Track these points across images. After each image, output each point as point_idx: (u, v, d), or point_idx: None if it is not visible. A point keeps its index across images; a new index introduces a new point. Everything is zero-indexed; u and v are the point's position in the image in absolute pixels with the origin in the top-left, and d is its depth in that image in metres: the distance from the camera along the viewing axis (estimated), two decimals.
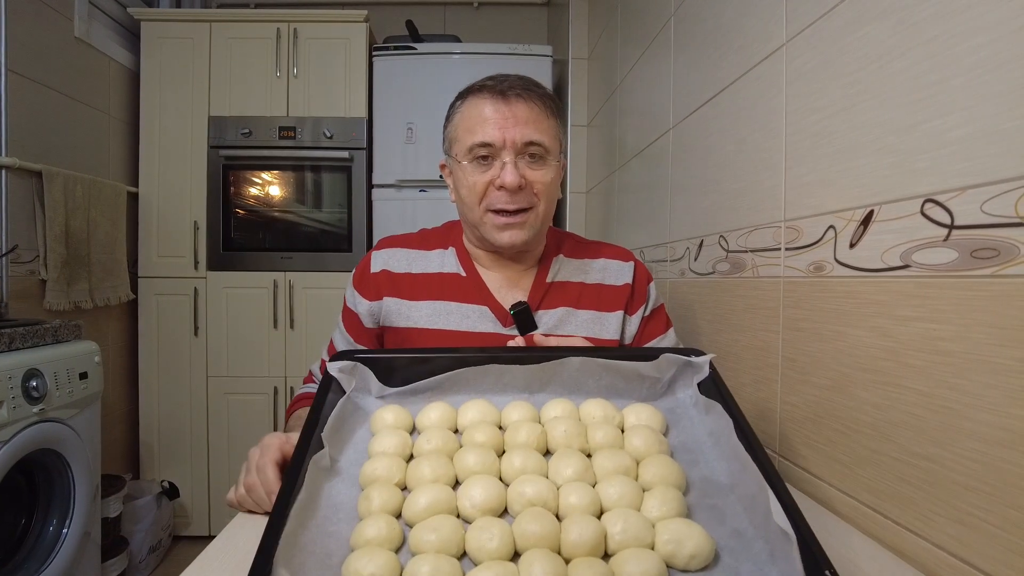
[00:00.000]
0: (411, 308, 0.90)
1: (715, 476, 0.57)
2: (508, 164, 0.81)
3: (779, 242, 0.83)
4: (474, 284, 0.91)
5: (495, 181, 0.82)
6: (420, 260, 0.93)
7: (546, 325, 0.89)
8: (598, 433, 0.61)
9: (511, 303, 0.88)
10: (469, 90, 0.87)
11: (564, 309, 0.90)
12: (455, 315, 0.89)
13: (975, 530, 0.50)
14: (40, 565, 1.43)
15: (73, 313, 1.90)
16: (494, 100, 0.82)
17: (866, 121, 0.65)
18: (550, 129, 0.85)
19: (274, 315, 2.28)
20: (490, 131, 0.81)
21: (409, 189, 2.31)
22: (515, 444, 0.60)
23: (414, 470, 0.56)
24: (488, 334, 0.88)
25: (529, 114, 0.82)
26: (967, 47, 0.52)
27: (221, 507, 2.28)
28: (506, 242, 0.85)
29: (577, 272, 0.94)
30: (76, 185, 1.90)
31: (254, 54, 2.26)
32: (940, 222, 0.54)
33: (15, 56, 1.72)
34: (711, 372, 0.66)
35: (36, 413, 1.37)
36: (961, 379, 0.52)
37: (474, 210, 0.85)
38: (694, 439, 0.62)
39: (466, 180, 0.84)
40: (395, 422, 0.62)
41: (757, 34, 0.91)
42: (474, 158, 0.83)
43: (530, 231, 0.85)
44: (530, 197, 0.84)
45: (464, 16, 2.94)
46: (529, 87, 0.84)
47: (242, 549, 0.56)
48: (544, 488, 0.53)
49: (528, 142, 0.82)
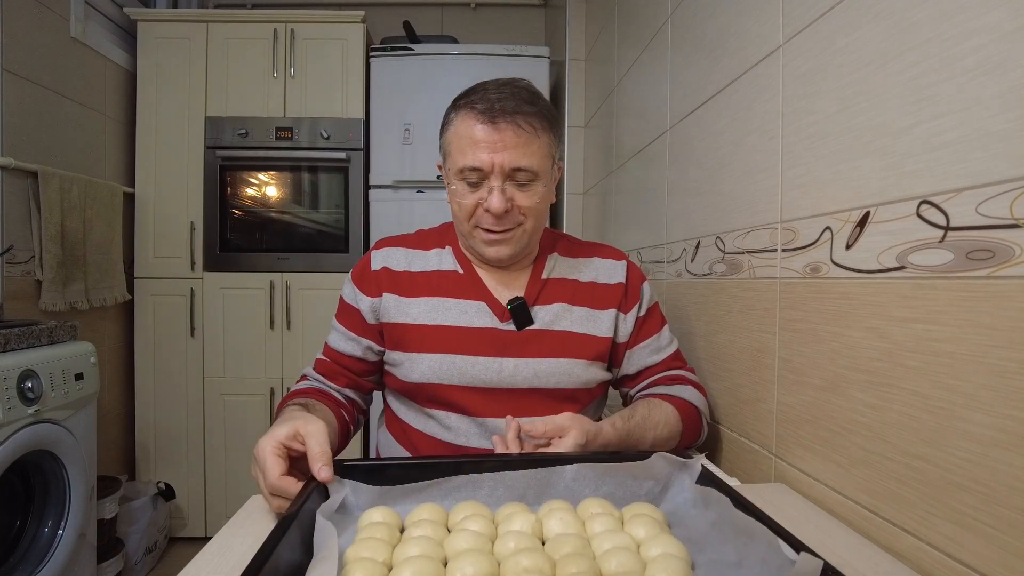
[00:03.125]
0: (409, 305, 0.91)
1: (723, 557, 0.53)
2: (495, 190, 0.83)
3: (775, 243, 0.83)
4: (471, 281, 0.93)
5: (483, 203, 0.84)
6: (418, 259, 0.95)
7: (542, 320, 0.91)
8: (596, 524, 0.57)
9: (508, 299, 0.91)
10: (462, 105, 0.86)
11: (559, 305, 0.93)
12: (453, 311, 0.91)
13: (971, 531, 0.51)
14: (35, 567, 1.43)
15: (69, 314, 1.89)
16: (483, 124, 0.82)
17: (862, 123, 0.65)
18: (540, 150, 0.85)
19: (271, 316, 2.27)
20: (479, 155, 0.82)
21: (406, 190, 2.31)
22: (510, 530, 0.56)
23: (401, 549, 0.53)
24: (486, 329, 0.90)
25: (517, 139, 0.82)
26: (962, 50, 0.52)
27: (217, 508, 2.28)
28: (492, 256, 0.89)
29: (571, 270, 0.96)
30: (72, 185, 1.89)
31: (251, 54, 2.26)
32: (936, 224, 0.55)
33: (11, 56, 1.72)
34: (703, 470, 0.65)
35: (31, 414, 1.37)
36: (957, 380, 0.52)
37: (464, 224, 0.89)
38: (699, 532, 0.59)
39: (456, 199, 0.88)
40: (383, 519, 0.59)
41: (753, 36, 0.91)
42: (463, 180, 0.85)
43: (516, 246, 0.88)
44: (516, 217, 0.86)
45: (461, 17, 2.94)
46: (520, 107, 0.83)
47: (238, 551, 0.55)
48: (541, 559, 0.50)
49: (516, 168, 0.83)
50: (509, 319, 0.90)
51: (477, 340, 0.89)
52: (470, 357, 0.89)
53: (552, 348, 0.90)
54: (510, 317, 0.90)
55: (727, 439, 0.99)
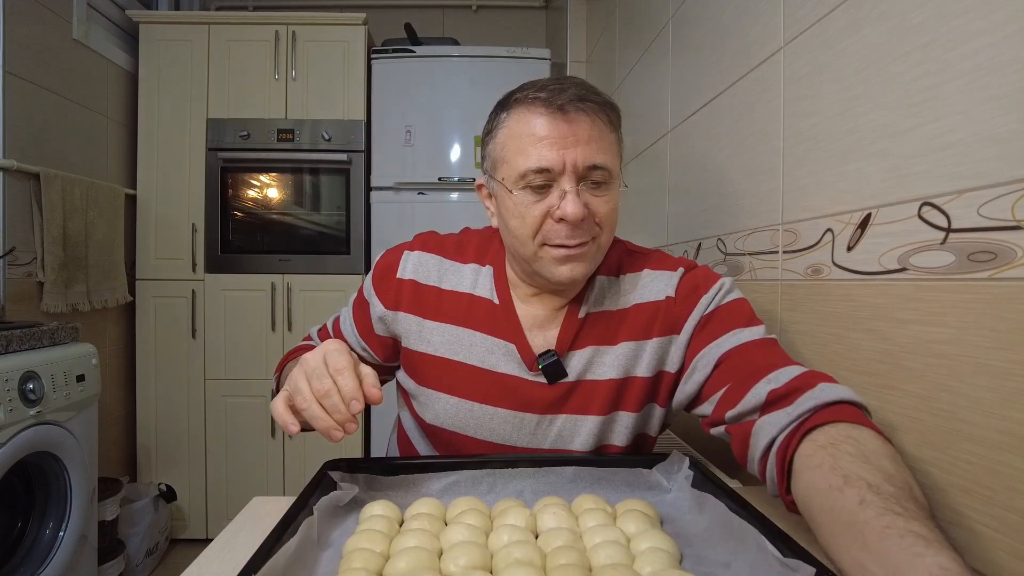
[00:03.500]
0: (431, 331, 0.80)
1: (713, 556, 0.54)
2: (569, 193, 0.67)
3: (777, 245, 0.83)
4: (505, 316, 0.79)
5: (553, 212, 0.69)
6: (452, 273, 0.82)
7: (574, 370, 0.77)
8: (589, 519, 0.59)
9: (541, 343, 0.77)
10: (517, 99, 0.71)
11: (592, 348, 0.77)
12: (479, 348, 0.78)
13: (973, 533, 0.50)
14: (36, 568, 1.43)
15: (70, 315, 1.90)
16: (551, 114, 0.68)
17: (863, 125, 0.65)
18: (613, 146, 0.71)
19: (272, 317, 2.27)
20: (547, 154, 0.67)
21: (408, 192, 2.31)
22: (504, 524, 0.58)
23: (399, 541, 0.55)
24: (511, 378, 0.77)
25: (592, 131, 0.68)
26: (962, 51, 0.52)
27: (218, 510, 2.27)
28: (566, 277, 0.72)
29: (614, 296, 0.79)
30: (74, 187, 1.90)
31: (253, 56, 2.27)
32: (937, 225, 0.55)
33: (13, 58, 1.72)
34: (703, 471, 0.65)
35: (33, 416, 1.37)
36: (958, 382, 0.52)
37: (527, 244, 0.71)
38: (690, 532, 0.60)
39: (517, 211, 0.71)
40: (383, 512, 0.61)
41: (754, 38, 0.91)
42: (527, 186, 0.69)
43: (591, 264, 0.74)
44: (592, 228, 0.71)
45: (463, 19, 2.94)
46: (589, 95, 0.69)
47: (239, 552, 0.55)
48: (532, 551, 0.52)
49: (591, 166, 0.68)
50: (538, 370, 0.76)
51: (502, 390, 0.77)
52: (490, 408, 0.77)
53: (581, 403, 0.77)
54: (539, 368, 0.76)
55: None
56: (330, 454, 1.67)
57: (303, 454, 2.28)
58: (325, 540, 0.57)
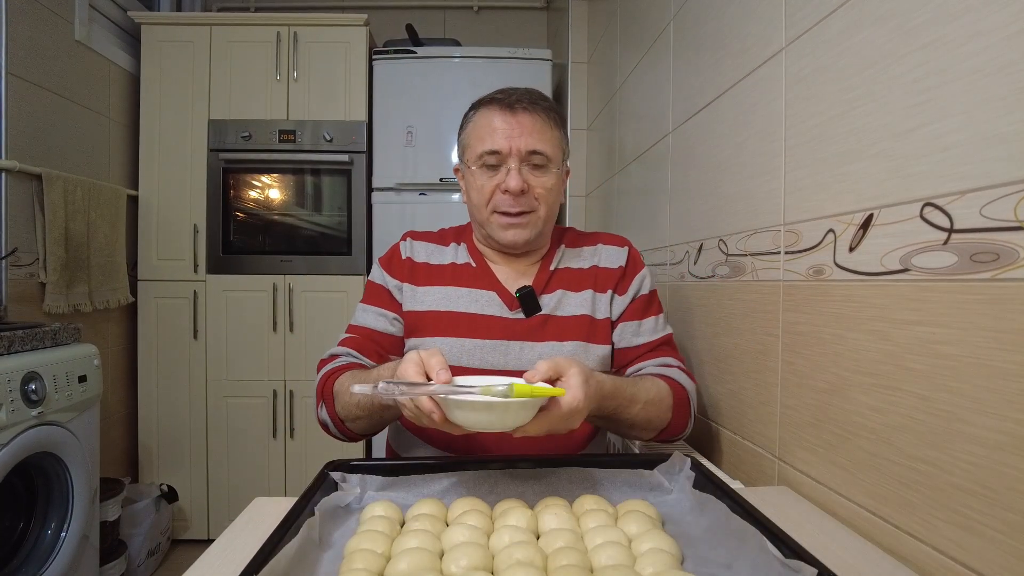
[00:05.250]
0: (425, 293, 0.97)
1: (714, 557, 0.55)
2: (512, 170, 0.90)
3: (778, 246, 0.83)
4: (483, 273, 0.99)
5: (501, 185, 0.91)
6: (437, 253, 1.02)
7: (548, 306, 0.96)
8: (590, 520, 0.60)
9: (517, 289, 0.96)
10: (481, 102, 0.96)
11: (561, 292, 0.97)
12: (465, 299, 0.96)
13: (975, 534, 0.50)
14: (38, 569, 1.43)
15: (72, 316, 1.90)
16: (502, 112, 0.91)
17: (865, 125, 0.65)
18: (552, 139, 0.93)
19: (273, 318, 2.27)
20: (498, 140, 0.90)
21: (409, 192, 2.32)
22: (505, 525, 0.59)
23: (400, 541, 0.55)
24: (495, 316, 0.95)
25: (533, 125, 0.91)
26: (964, 51, 0.52)
27: (220, 511, 2.28)
28: (509, 240, 0.93)
29: (576, 259, 1.01)
30: (76, 188, 1.90)
31: (254, 58, 2.27)
32: (939, 226, 0.54)
33: (15, 59, 1.73)
34: (703, 472, 0.67)
35: (35, 416, 1.37)
36: (960, 383, 0.52)
37: (482, 211, 0.94)
38: (692, 533, 0.60)
39: (475, 183, 0.94)
40: (385, 513, 0.62)
41: (756, 39, 0.91)
42: (483, 164, 0.92)
43: (531, 231, 0.93)
44: (531, 201, 0.92)
45: (464, 20, 2.95)
46: (535, 100, 0.92)
47: (241, 553, 0.55)
48: (534, 552, 0.52)
49: (531, 151, 0.90)
50: (518, 308, 0.95)
51: (487, 326, 0.94)
52: (479, 340, 0.93)
53: (557, 332, 0.94)
54: (519, 306, 0.95)
55: (730, 442, 0.99)
56: (331, 455, 1.67)
57: (304, 455, 2.28)
58: (326, 541, 0.57)
